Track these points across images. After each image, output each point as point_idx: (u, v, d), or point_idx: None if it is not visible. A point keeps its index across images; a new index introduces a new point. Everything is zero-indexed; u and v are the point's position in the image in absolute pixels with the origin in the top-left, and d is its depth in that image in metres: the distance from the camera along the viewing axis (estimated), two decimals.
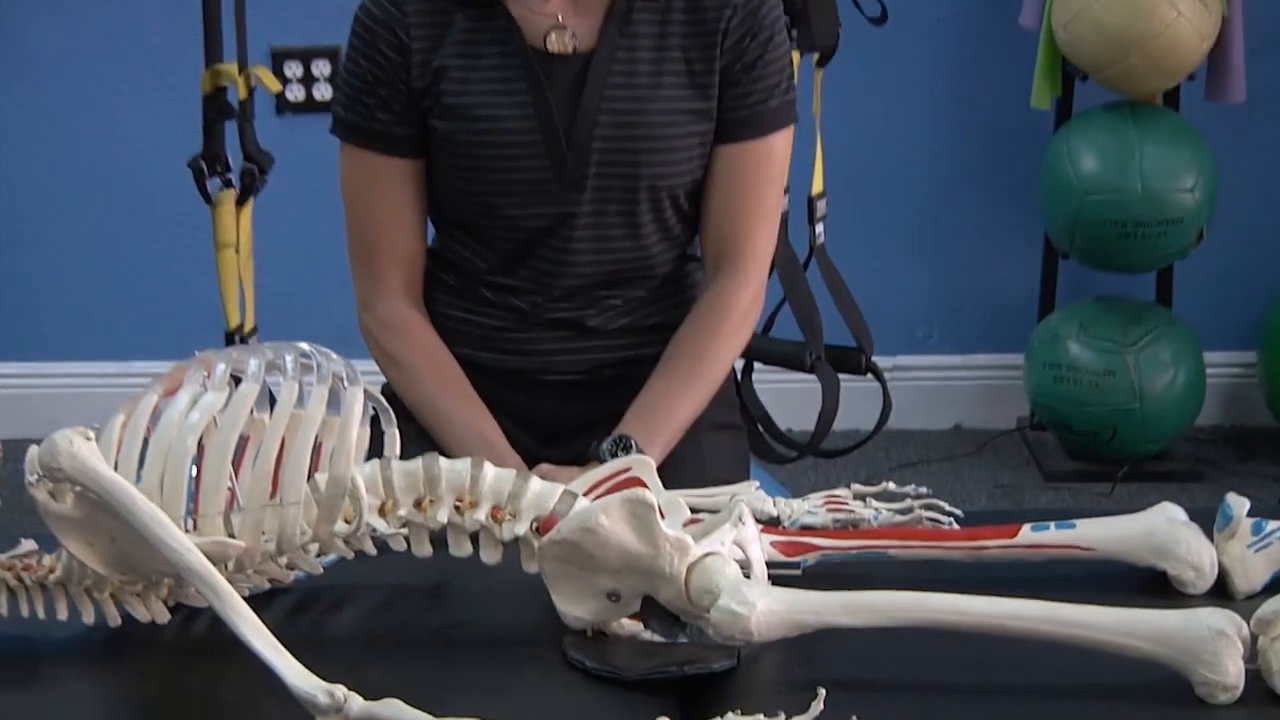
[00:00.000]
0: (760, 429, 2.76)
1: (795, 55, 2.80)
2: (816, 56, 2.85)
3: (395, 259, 2.32)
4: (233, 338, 2.95)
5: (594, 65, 2.21)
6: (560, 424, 2.35)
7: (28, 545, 1.67)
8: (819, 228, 2.91)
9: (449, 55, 2.23)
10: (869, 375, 2.79)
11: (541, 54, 2.22)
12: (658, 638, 1.58)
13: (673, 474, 1.97)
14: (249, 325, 2.97)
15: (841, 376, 2.74)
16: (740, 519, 1.62)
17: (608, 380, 2.34)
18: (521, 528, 1.58)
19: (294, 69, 4.05)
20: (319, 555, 1.64)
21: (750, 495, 1.78)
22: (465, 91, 2.22)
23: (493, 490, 1.60)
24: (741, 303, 2.30)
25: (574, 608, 1.59)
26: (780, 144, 2.31)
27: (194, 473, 1.59)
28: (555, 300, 2.29)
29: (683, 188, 2.28)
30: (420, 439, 2.22)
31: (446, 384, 2.29)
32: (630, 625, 1.59)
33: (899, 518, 1.78)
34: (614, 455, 2.06)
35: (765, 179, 2.31)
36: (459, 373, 2.31)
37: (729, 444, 2.42)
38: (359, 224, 2.33)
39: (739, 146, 2.27)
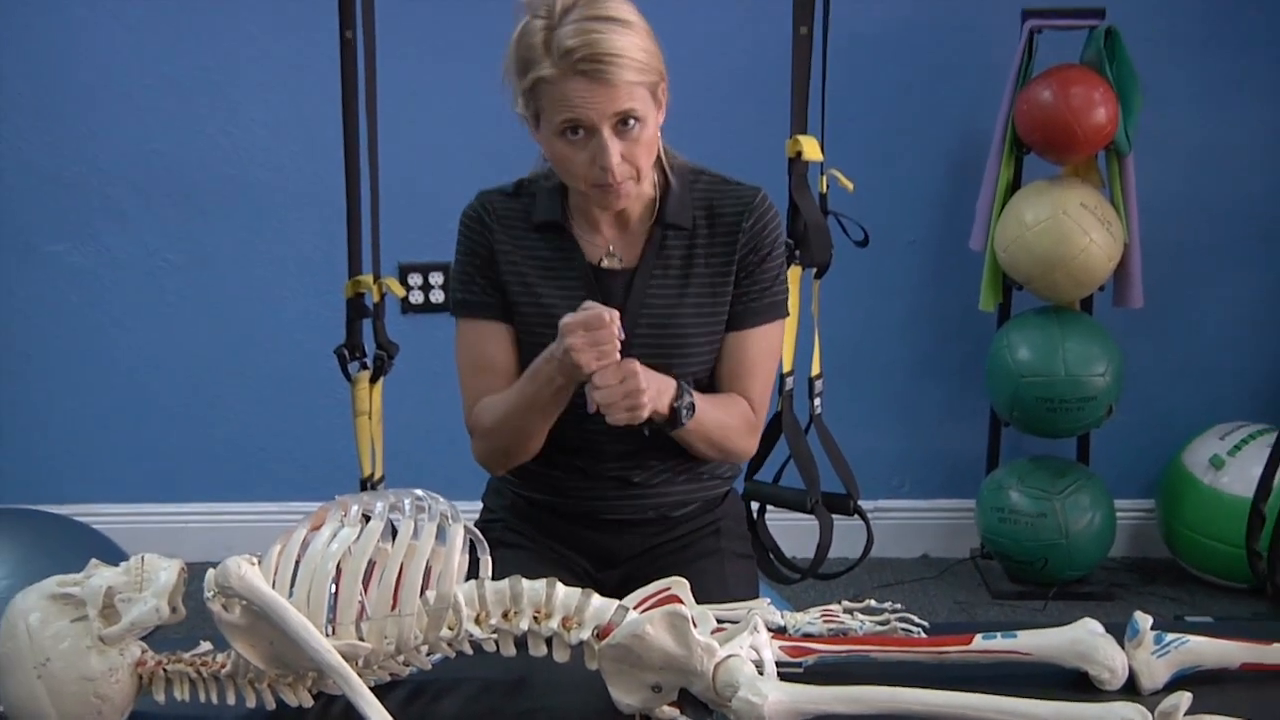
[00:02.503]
0: (771, 556, 2.74)
1: (798, 269, 2.81)
2: (815, 271, 2.86)
3: (487, 389, 2.27)
4: (365, 484, 2.94)
5: (636, 279, 2.21)
6: (613, 552, 2.33)
7: (205, 646, 1.67)
8: (817, 401, 2.90)
9: (525, 266, 2.23)
10: (855, 516, 2.77)
11: (597, 269, 2.22)
12: None
13: (703, 592, 1.96)
14: (378, 474, 2.96)
15: (834, 517, 2.72)
16: (755, 628, 1.61)
17: (650, 520, 2.32)
18: (585, 634, 1.57)
19: (416, 279, 4.09)
20: (429, 654, 1.63)
21: (763, 609, 1.76)
22: (537, 296, 2.22)
23: (563, 605, 1.59)
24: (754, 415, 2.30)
25: (626, 697, 1.57)
26: (775, 330, 2.30)
27: (333, 590, 1.59)
28: (606, 461, 2.27)
29: (704, 374, 2.27)
30: (507, 563, 2.21)
31: (499, 401, 2.25)
32: (669, 711, 1.57)
33: (879, 628, 1.77)
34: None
35: (764, 355, 2.29)
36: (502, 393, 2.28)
37: (744, 570, 2.40)
38: (463, 377, 2.31)
39: (745, 333, 2.26)
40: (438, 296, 4.09)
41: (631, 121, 2.03)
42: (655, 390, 2.08)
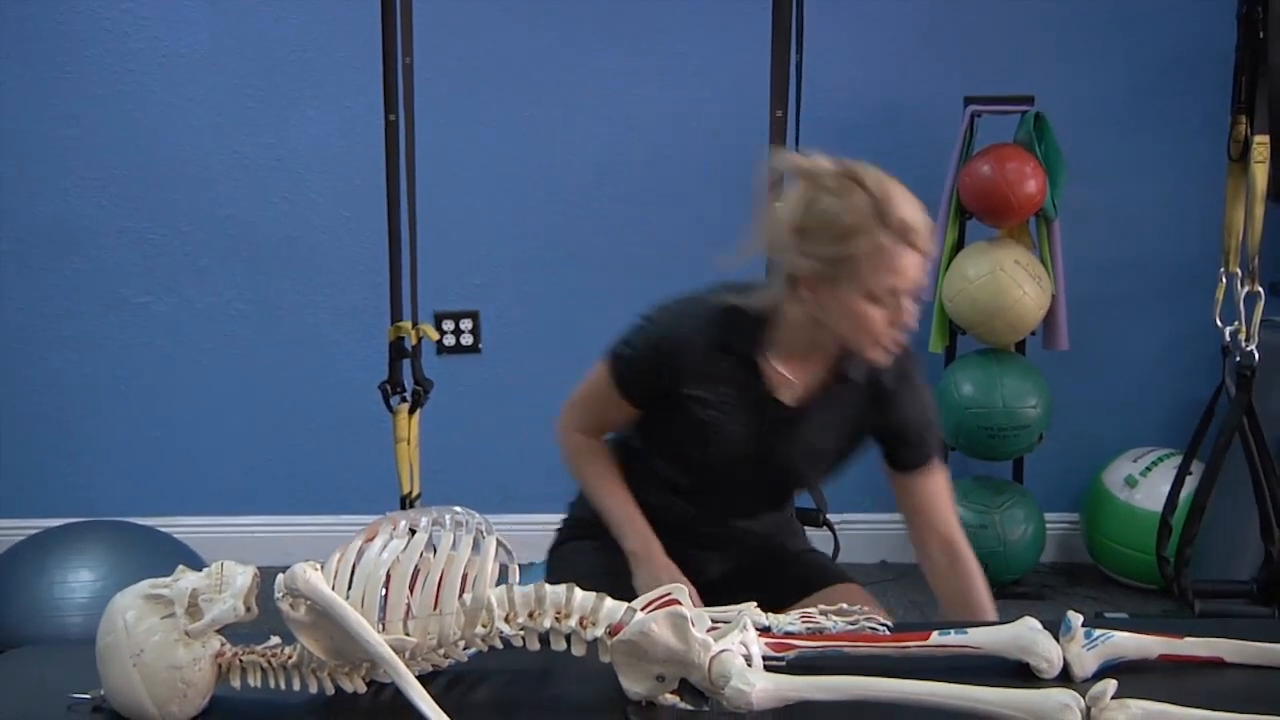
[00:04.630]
0: None
1: None
2: None
3: (595, 428, 2.22)
4: (404, 501, 2.93)
5: (802, 420, 2.11)
6: (700, 565, 2.22)
7: (274, 640, 1.66)
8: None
9: (713, 384, 2.09)
10: (825, 527, 2.77)
11: (773, 400, 2.10)
12: (690, 707, 1.56)
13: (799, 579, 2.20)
14: (416, 492, 2.95)
15: (807, 529, 2.71)
16: (745, 627, 1.61)
17: (738, 540, 2.28)
18: (599, 631, 1.57)
19: (449, 325, 4.09)
20: (465, 648, 1.62)
21: (751, 611, 1.76)
22: (715, 410, 2.10)
23: (580, 606, 1.59)
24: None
25: (634, 686, 1.57)
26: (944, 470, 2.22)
27: (384, 593, 1.59)
28: (710, 519, 2.23)
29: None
30: (598, 552, 2.21)
31: (600, 463, 2.22)
32: (671, 698, 1.57)
33: (850, 627, 1.76)
34: None
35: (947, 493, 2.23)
36: (611, 466, 2.22)
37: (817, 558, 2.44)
38: (584, 401, 2.20)
39: (912, 474, 2.19)
40: (467, 340, 4.09)
41: (919, 290, 1.97)
42: None
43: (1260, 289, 3.02)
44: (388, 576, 1.59)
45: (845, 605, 1.79)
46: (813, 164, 1.99)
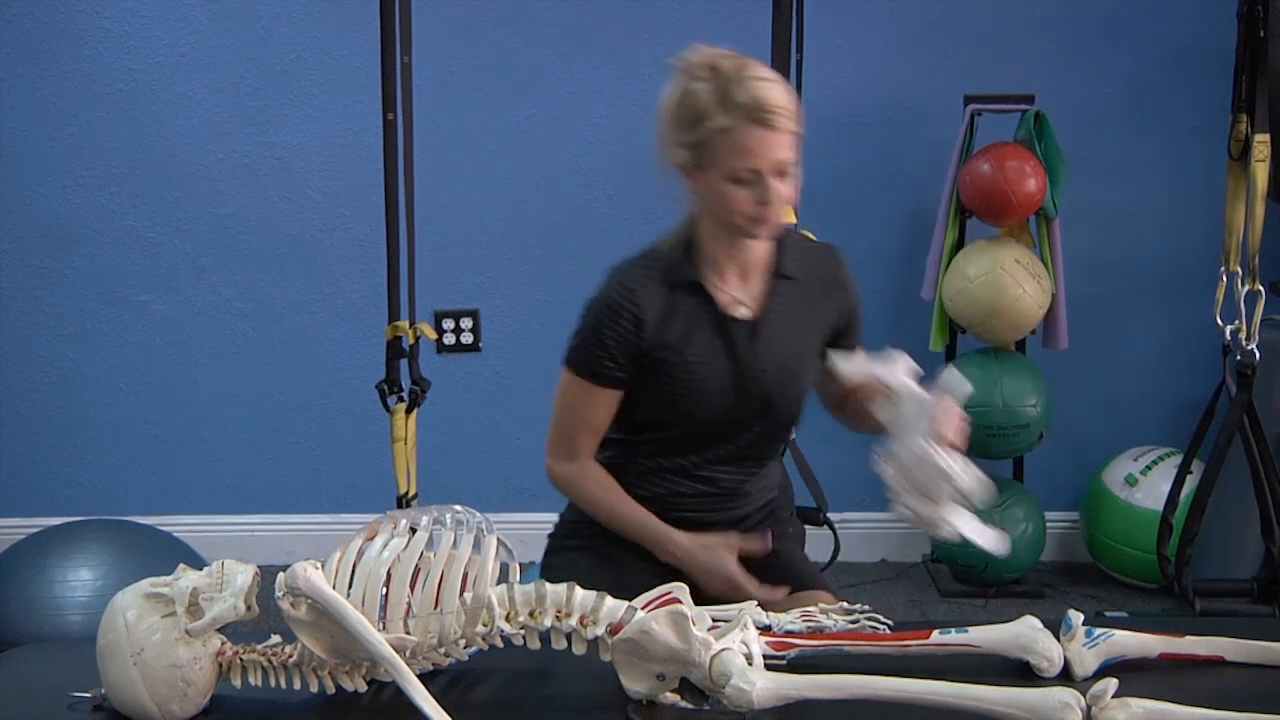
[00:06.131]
0: None
1: None
2: None
3: (586, 443, 2.19)
4: (400, 501, 2.92)
5: (762, 329, 2.14)
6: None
7: (275, 639, 1.67)
8: (793, 428, 2.89)
9: (668, 325, 2.11)
10: (825, 526, 2.77)
11: (729, 319, 2.13)
12: (690, 706, 1.56)
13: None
14: (412, 492, 2.94)
15: (807, 527, 2.71)
16: (745, 626, 1.62)
17: (729, 523, 2.24)
18: (599, 630, 1.57)
19: (449, 324, 4.08)
20: (466, 647, 1.62)
21: (751, 610, 1.76)
22: (682, 349, 2.11)
23: (580, 605, 1.59)
24: None
25: (634, 685, 1.57)
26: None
27: (384, 592, 1.59)
28: (711, 464, 2.20)
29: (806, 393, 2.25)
30: (601, 570, 2.17)
31: (609, 490, 2.19)
32: (671, 697, 1.57)
33: (851, 625, 1.76)
34: None
35: None
36: (615, 484, 2.19)
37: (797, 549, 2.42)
38: (565, 421, 2.19)
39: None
40: (467, 338, 4.09)
41: (788, 167, 1.99)
42: None
43: (1260, 288, 3.03)
44: (388, 575, 1.59)
45: (846, 604, 1.79)
46: (686, 55, 2.05)
